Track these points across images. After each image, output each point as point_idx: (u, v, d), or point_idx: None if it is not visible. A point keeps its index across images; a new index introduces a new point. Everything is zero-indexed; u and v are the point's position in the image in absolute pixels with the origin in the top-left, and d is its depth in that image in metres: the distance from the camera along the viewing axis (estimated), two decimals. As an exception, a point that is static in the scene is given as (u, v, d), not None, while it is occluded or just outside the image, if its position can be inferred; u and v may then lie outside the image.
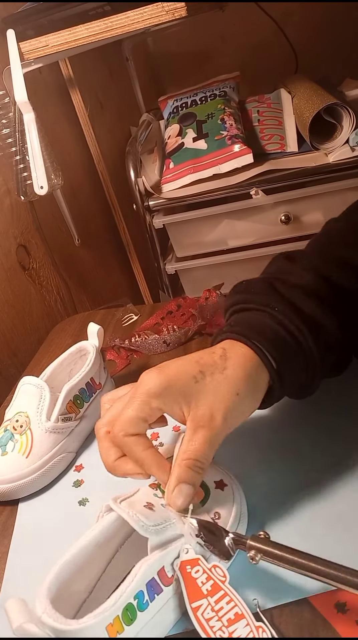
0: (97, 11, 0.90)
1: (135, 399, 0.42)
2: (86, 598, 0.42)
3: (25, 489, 0.57)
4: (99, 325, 0.67)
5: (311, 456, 0.51)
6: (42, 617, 0.35)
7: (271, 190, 1.08)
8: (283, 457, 0.52)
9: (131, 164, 1.13)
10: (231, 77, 1.30)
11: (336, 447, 0.52)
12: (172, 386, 0.42)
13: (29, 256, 1.01)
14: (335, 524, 0.45)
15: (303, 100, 1.09)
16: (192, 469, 0.42)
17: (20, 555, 0.52)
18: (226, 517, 0.43)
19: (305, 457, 0.52)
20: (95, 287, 1.27)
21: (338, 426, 0.54)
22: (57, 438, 0.59)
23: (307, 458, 0.51)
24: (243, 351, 0.44)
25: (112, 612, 0.36)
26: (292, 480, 0.49)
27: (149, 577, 0.38)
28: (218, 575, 0.39)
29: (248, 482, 0.49)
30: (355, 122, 1.01)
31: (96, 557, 0.42)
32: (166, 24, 0.92)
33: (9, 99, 0.93)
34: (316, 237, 0.57)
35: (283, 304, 0.46)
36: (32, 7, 0.92)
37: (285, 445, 0.54)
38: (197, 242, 1.20)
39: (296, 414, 0.57)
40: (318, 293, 0.47)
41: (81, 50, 0.97)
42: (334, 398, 0.57)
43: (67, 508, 0.55)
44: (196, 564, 0.39)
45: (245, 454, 0.54)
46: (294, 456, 0.52)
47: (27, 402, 0.60)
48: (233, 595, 0.38)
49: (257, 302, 0.47)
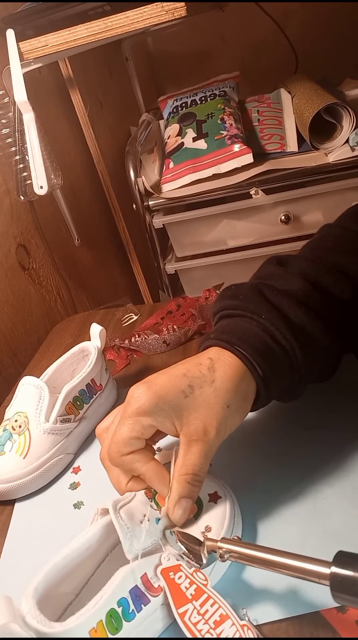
0: (96, 11, 0.90)
1: (126, 419, 0.42)
2: (72, 600, 0.42)
3: (21, 489, 0.57)
4: (102, 327, 0.67)
5: (309, 464, 0.51)
6: (27, 617, 0.35)
7: (271, 190, 1.08)
8: (281, 465, 0.52)
9: (130, 163, 1.13)
10: (231, 77, 1.30)
11: (336, 456, 0.51)
12: (162, 402, 0.42)
13: (28, 256, 1.01)
14: (331, 535, 0.44)
15: (303, 100, 1.09)
16: (190, 483, 0.42)
17: (14, 556, 0.52)
18: (217, 529, 0.43)
19: (302, 465, 0.51)
20: (95, 287, 1.27)
21: (337, 434, 0.54)
22: (56, 439, 0.59)
23: (305, 466, 0.51)
24: (230, 361, 0.44)
25: (94, 614, 0.36)
26: (289, 490, 0.49)
27: (131, 584, 0.38)
28: (200, 579, 0.40)
29: (245, 490, 0.49)
30: (355, 122, 1.01)
31: (86, 560, 0.42)
32: (166, 23, 0.92)
33: (9, 98, 0.93)
34: (309, 242, 0.57)
35: (270, 311, 0.46)
36: (31, 7, 0.92)
37: (283, 452, 0.53)
38: (197, 242, 1.20)
39: (296, 420, 0.57)
40: (306, 300, 0.47)
41: (81, 50, 0.97)
42: (334, 401, 0.57)
43: (62, 510, 0.55)
44: (179, 570, 0.40)
45: (242, 462, 0.54)
46: (292, 464, 0.52)
47: (26, 402, 0.60)
48: (216, 598, 0.38)
49: (245, 308, 0.47)
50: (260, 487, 0.50)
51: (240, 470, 0.52)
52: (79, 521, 0.53)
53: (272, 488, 0.49)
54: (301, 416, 0.56)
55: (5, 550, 0.53)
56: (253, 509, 0.48)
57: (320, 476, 0.49)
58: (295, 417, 0.56)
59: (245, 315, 0.47)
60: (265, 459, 0.53)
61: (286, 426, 0.56)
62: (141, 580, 0.39)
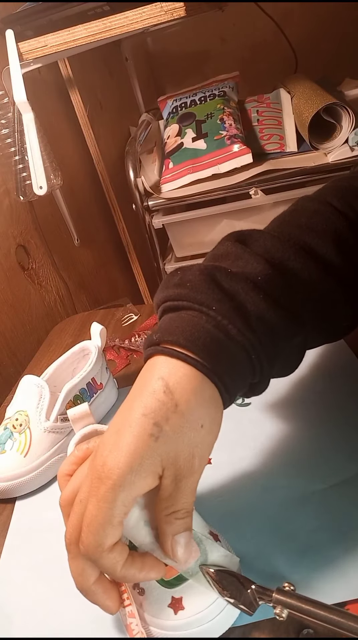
0: (96, 11, 0.90)
1: (103, 501, 0.34)
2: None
3: (22, 487, 0.58)
4: (102, 325, 0.67)
5: (313, 472, 0.51)
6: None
7: (271, 190, 1.08)
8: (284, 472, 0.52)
9: (130, 164, 1.13)
10: (231, 77, 1.30)
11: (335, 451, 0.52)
12: (137, 463, 0.34)
13: (28, 256, 1.01)
14: (336, 555, 0.44)
15: (303, 100, 1.09)
16: (180, 519, 0.36)
17: (15, 554, 0.52)
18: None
19: (307, 472, 0.52)
20: (95, 287, 1.27)
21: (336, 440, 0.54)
22: (56, 438, 0.59)
23: (309, 474, 0.51)
24: (184, 371, 0.36)
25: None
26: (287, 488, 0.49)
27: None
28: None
29: (245, 488, 0.49)
30: (354, 122, 1.01)
31: None
32: (166, 24, 0.92)
33: (8, 99, 0.93)
34: (280, 215, 0.49)
35: (222, 301, 0.39)
36: (31, 8, 0.92)
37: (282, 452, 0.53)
38: (196, 242, 1.19)
39: (295, 426, 0.57)
40: (267, 285, 0.40)
41: (80, 50, 0.97)
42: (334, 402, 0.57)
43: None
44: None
45: (241, 459, 0.54)
46: (290, 463, 0.52)
47: (27, 401, 0.60)
48: (129, 594, 0.39)
49: (192, 299, 0.39)
50: (259, 486, 0.50)
51: (240, 467, 0.52)
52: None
53: (271, 487, 0.50)
54: (299, 414, 0.56)
55: (5, 548, 0.53)
56: (252, 506, 0.48)
57: (319, 473, 0.49)
58: (293, 414, 0.57)
59: (191, 307, 0.39)
60: (265, 459, 0.53)
61: (285, 424, 0.56)
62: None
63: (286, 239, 0.44)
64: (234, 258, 0.43)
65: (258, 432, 0.56)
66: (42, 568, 0.50)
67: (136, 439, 0.34)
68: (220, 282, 0.40)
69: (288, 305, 0.41)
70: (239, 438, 0.56)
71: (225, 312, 0.38)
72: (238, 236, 0.46)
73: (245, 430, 0.57)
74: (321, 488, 0.48)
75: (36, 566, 0.50)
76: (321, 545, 0.43)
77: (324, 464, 0.50)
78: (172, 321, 0.39)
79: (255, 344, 0.38)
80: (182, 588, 0.39)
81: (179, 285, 0.41)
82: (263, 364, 0.39)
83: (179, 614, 0.38)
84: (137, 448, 0.34)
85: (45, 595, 0.47)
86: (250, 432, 0.56)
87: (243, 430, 0.57)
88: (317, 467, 0.50)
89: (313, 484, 0.49)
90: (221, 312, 0.38)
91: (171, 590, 0.39)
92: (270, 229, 0.48)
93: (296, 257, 0.43)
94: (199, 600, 0.38)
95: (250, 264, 0.42)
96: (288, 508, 0.47)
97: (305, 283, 0.43)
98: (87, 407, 0.43)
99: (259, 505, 0.48)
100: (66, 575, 0.39)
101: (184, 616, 0.37)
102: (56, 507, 0.56)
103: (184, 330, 0.38)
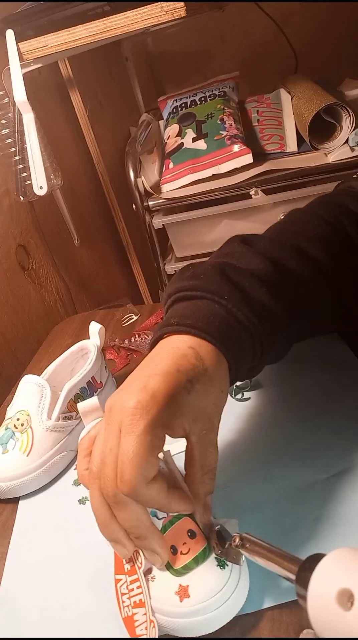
0: (96, 11, 0.91)
1: (139, 435, 0.36)
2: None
3: (25, 487, 0.58)
4: (101, 325, 0.68)
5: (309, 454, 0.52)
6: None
7: (271, 190, 1.08)
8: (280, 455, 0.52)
9: (130, 164, 1.13)
10: (231, 77, 1.30)
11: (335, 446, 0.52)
12: (172, 406, 0.38)
13: (28, 256, 1.01)
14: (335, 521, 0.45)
15: (303, 100, 1.09)
16: (213, 479, 0.41)
17: (20, 553, 0.52)
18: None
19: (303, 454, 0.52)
20: (95, 287, 1.27)
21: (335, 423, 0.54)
22: (58, 437, 0.59)
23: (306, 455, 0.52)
24: (207, 347, 0.41)
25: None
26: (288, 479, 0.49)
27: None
28: (138, 560, 0.41)
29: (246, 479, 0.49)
30: (354, 122, 1.01)
31: None
32: (166, 24, 0.93)
33: (8, 99, 0.93)
34: (276, 224, 0.56)
35: (233, 292, 0.44)
36: (31, 8, 0.92)
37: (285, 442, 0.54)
38: (197, 242, 1.20)
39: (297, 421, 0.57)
40: (268, 278, 0.46)
41: (80, 50, 0.97)
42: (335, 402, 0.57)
43: (67, 506, 0.55)
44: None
45: (242, 451, 0.54)
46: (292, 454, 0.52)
47: (28, 400, 0.60)
48: (143, 583, 0.40)
49: (206, 289, 0.45)
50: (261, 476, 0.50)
51: (241, 460, 0.53)
52: (84, 516, 0.53)
53: (273, 477, 0.50)
54: (301, 406, 0.57)
55: (11, 547, 0.53)
56: (255, 497, 0.48)
57: (320, 463, 0.50)
58: (295, 407, 0.57)
59: (204, 296, 0.45)
60: (266, 449, 0.53)
61: (285, 416, 0.56)
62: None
63: (283, 242, 0.50)
64: (239, 256, 0.49)
65: (257, 425, 0.57)
66: (48, 566, 0.50)
67: (171, 388, 0.38)
68: (229, 276, 0.46)
69: (286, 298, 0.47)
70: (239, 431, 0.56)
71: (235, 302, 0.44)
72: (242, 238, 0.52)
73: (245, 424, 0.57)
74: (322, 478, 0.49)
75: (42, 564, 0.50)
76: (324, 534, 0.44)
77: (324, 454, 0.51)
78: (187, 308, 0.45)
79: (259, 330, 0.44)
80: (189, 576, 0.39)
81: (193, 278, 0.47)
82: (263, 349, 0.45)
83: (185, 601, 0.38)
84: (173, 395, 0.38)
85: (54, 591, 0.47)
86: (249, 426, 0.57)
87: (243, 423, 0.57)
88: (317, 458, 0.51)
89: (315, 473, 0.49)
90: (232, 301, 0.44)
91: (179, 579, 0.40)
92: (267, 234, 0.54)
93: (291, 257, 0.49)
94: (205, 589, 0.39)
95: (254, 261, 0.47)
96: (290, 498, 0.48)
97: (299, 280, 0.48)
98: (96, 400, 0.45)
99: (261, 496, 0.49)
100: (71, 572, 0.39)
101: (190, 604, 0.38)
102: (60, 505, 0.57)
103: (202, 315, 0.43)
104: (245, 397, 0.61)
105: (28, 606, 0.47)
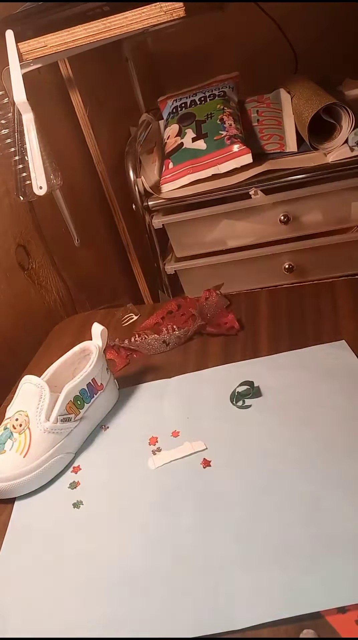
0: (96, 12, 0.90)
1: None
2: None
3: (21, 488, 0.58)
4: (103, 326, 0.67)
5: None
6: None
7: (271, 190, 1.08)
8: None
9: (130, 164, 1.13)
10: (231, 77, 1.30)
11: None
12: None
13: (28, 256, 1.01)
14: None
15: (303, 101, 1.09)
16: None
17: (13, 554, 0.52)
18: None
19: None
20: (95, 287, 1.27)
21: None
22: (56, 438, 0.59)
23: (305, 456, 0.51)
24: None
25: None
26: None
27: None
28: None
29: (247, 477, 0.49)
30: (354, 122, 1.01)
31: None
32: (166, 24, 0.92)
33: (8, 99, 0.93)
34: None
35: None
36: (31, 8, 0.92)
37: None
38: (196, 242, 1.20)
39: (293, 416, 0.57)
40: None
41: (80, 50, 0.97)
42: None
43: (61, 510, 0.55)
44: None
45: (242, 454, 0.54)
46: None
47: (27, 401, 0.60)
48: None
49: None
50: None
51: (240, 469, 0.52)
52: (78, 520, 0.53)
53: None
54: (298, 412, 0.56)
55: (4, 548, 0.53)
56: (253, 507, 0.48)
57: (319, 473, 0.49)
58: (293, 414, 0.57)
59: None
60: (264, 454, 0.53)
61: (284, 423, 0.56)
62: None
63: None
64: None
65: (258, 433, 0.56)
66: (39, 568, 0.50)
67: None
68: None
69: None
70: (239, 440, 0.56)
71: None
72: None
73: (245, 432, 0.57)
74: (320, 487, 0.48)
75: (34, 566, 0.50)
76: (323, 548, 0.43)
77: (324, 464, 0.50)
78: None
79: None
80: None
81: None
82: None
83: None
84: None
85: (42, 595, 0.47)
86: (250, 434, 0.56)
87: (243, 432, 0.57)
88: (317, 467, 0.50)
89: (313, 483, 0.49)
90: None
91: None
92: None
93: None
94: None
95: None
96: (289, 508, 0.48)
97: None
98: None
99: (259, 507, 0.48)
100: (63, 575, 0.39)
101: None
102: (55, 508, 0.57)
103: None
104: (245, 404, 0.61)
105: (17, 608, 0.46)
